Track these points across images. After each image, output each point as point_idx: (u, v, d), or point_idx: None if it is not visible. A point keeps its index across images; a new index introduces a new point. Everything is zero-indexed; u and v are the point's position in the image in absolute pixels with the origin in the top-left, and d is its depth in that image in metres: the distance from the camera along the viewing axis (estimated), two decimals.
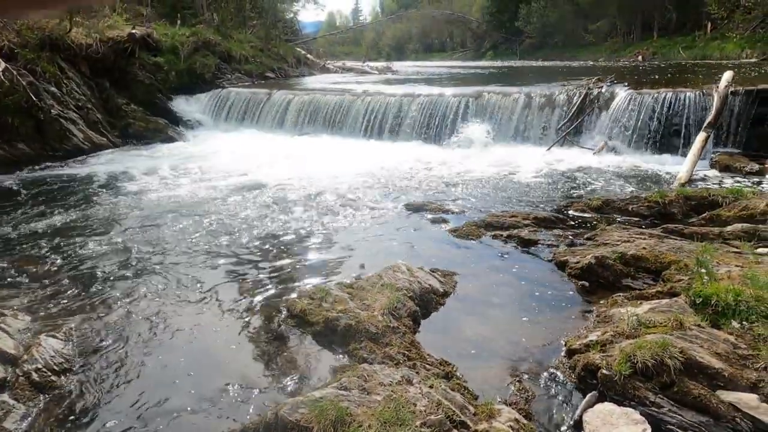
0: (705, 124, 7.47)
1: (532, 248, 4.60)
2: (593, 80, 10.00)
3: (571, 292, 3.75)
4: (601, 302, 3.46)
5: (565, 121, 9.08)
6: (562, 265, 4.11)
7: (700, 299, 2.94)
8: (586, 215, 5.38)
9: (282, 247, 4.76)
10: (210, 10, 17.82)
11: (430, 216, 5.58)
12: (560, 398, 2.61)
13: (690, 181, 6.63)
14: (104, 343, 3.18)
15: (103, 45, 11.29)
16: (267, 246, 4.79)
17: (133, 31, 12.20)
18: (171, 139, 11.30)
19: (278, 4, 24.09)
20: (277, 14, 23.06)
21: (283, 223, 5.47)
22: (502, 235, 4.86)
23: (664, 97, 8.26)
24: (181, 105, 12.69)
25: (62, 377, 2.86)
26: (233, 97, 12.60)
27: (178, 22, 15.63)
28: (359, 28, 74.50)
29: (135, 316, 3.50)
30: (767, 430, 2.21)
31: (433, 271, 3.96)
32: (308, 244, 4.83)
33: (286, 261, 4.44)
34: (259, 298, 3.73)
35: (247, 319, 3.43)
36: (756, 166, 7.05)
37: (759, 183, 6.58)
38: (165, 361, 2.98)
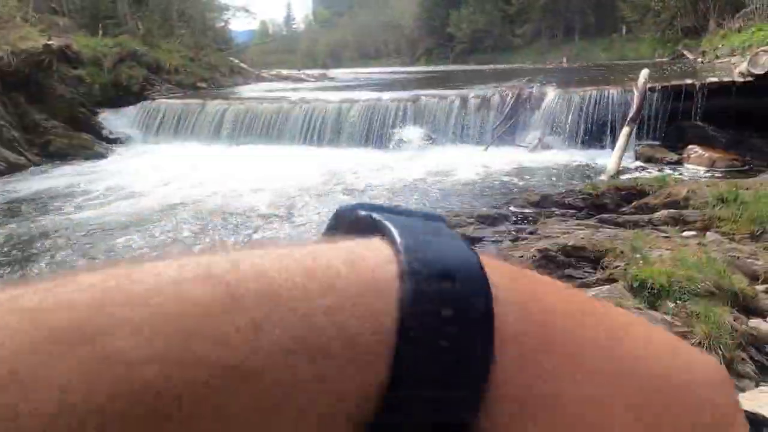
0: (628, 119, 7.93)
1: (478, 245, 4.68)
2: (524, 81, 10.41)
3: None
4: None
5: (499, 121, 9.38)
6: (507, 260, 4.20)
7: (637, 283, 3.09)
8: (526, 210, 5.56)
9: None
10: (134, 19, 17.07)
11: None
12: None
13: (619, 172, 7.02)
14: None
15: (16, 57, 10.52)
16: None
17: (49, 42, 11.45)
18: (98, 156, 10.66)
19: (207, 12, 23.46)
20: (207, 23, 22.45)
21: (223, 236, 5.27)
22: None
23: (590, 96, 8.72)
24: (108, 119, 12.02)
25: None
26: (164, 109, 12.08)
27: (100, 32, 14.84)
28: (293, 35, 74.04)
29: None
30: None
31: None
32: None
33: None
34: None
35: None
36: (675, 156, 7.57)
37: (679, 171, 7.07)
38: None
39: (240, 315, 0.16)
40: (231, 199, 6.76)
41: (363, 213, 0.22)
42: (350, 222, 0.23)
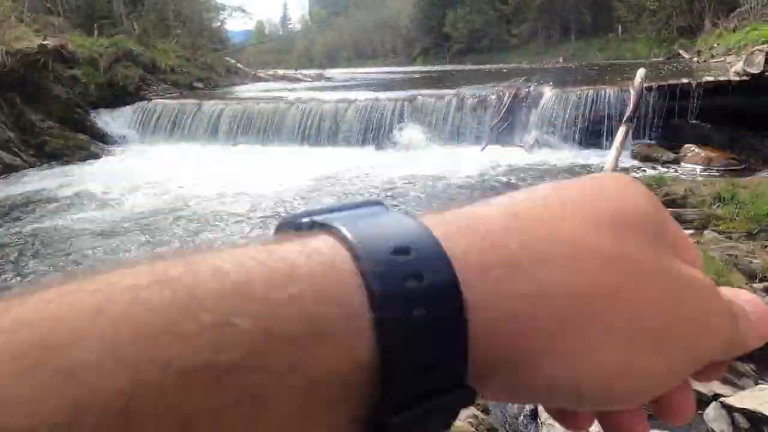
0: (625, 118, 7.95)
1: None
2: (521, 81, 10.42)
3: None
4: None
5: (497, 120, 9.38)
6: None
7: None
8: None
9: None
10: (130, 19, 17.00)
11: None
12: None
13: (615, 171, 7.03)
14: None
15: (11, 57, 10.46)
16: None
17: (45, 42, 11.40)
18: (94, 156, 10.61)
19: (203, 12, 23.40)
20: (203, 23, 22.40)
21: (221, 238, 5.26)
22: None
23: (587, 95, 8.73)
24: (104, 119, 11.97)
25: None
26: (160, 110, 12.03)
27: (95, 32, 14.78)
28: (289, 36, 73.96)
29: None
30: (706, 400, 2.33)
31: None
32: None
33: None
34: None
35: None
36: (672, 155, 7.59)
37: (676, 170, 7.09)
38: None
39: (202, 314, 0.16)
40: (227, 200, 6.74)
41: (305, 219, 0.22)
42: (294, 230, 0.23)
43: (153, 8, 18.11)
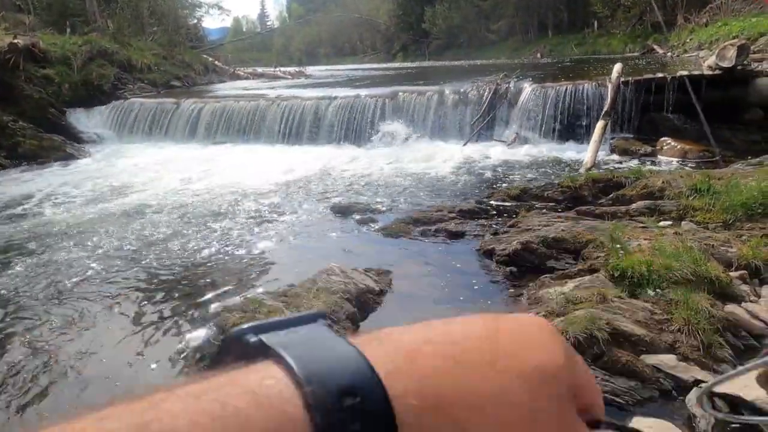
0: (603, 113, 8.08)
1: (460, 240, 4.71)
2: (501, 76, 10.49)
3: (500, 279, 3.88)
4: (530, 285, 3.61)
5: (477, 116, 9.44)
6: (489, 254, 4.25)
7: (618, 272, 3.15)
8: (506, 204, 5.61)
9: (205, 263, 4.52)
10: (103, 16, 16.63)
11: (358, 217, 5.56)
12: None
13: (595, 165, 7.14)
14: (5, 383, 2.83)
15: None
16: (187, 263, 4.52)
17: (15, 40, 11.09)
18: (70, 157, 10.37)
19: (179, 9, 23.01)
20: (179, 20, 22.02)
21: (203, 237, 5.20)
22: (430, 230, 4.94)
23: (565, 90, 8.84)
24: (80, 119, 11.72)
25: None
26: (137, 109, 11.83)
27: (68, 30, 14.42)
28: (267, 33, 73.14)
29: (42, 350, 3.15)
30: (687, 386, 2.40)
31: (367, 271, 3.94)
32: (233, 257, 4.63)
33: (212, 276, 4.22)
34: (184, 320, 3.51)
35: (173, 346, 3.20)
36: (649, 148, 7.74)
37: (653, 163, 7.23)
38: (82, 394, 2.71)
39: None
40: (206, 201, 6.66)
41: (252, 339, 0.24)
42: (240, 348, 0.25)
43: (127, 5, 17.73)
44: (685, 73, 8.39)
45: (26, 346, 3.22)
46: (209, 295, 3.82)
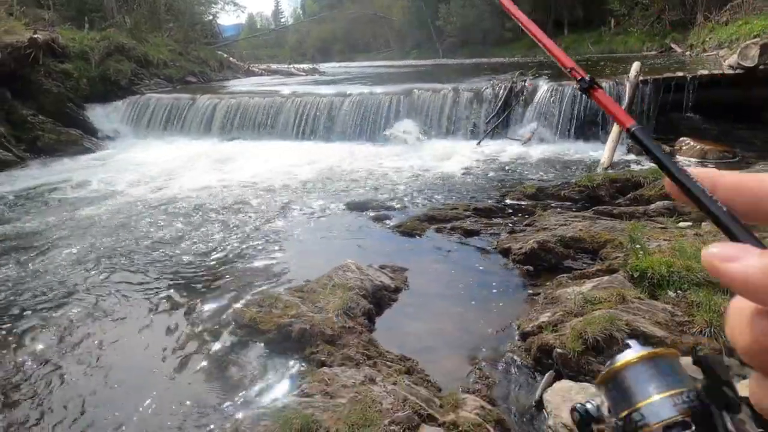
0: None
1: (476, 238, 4.69)
2: (516, 74, 10.40)
3: (517, 278, 3.86)
4: (547, 284, 3.58)
5: (492, 114, 9.38)
6: (505, 252, 4.22)
7: (638, 273, 3.12)
8: (522, 203, 5.58)
9: (221, 258, 4.55)
10: (121, 12, 16.79)
11: (372, 214, 5.56)
12: (520, 380, 2.67)
13: (612, 165, 7.06)
14: (32, 376, 2.87)
15: (1, 52, 10.31)
16: (204, 257, 4.56)
17: (35, 35, 11.23)
18: (87, 151, 10.51)
19: (195, 5, 23.15)
20: (195, 16, 22.15)
21: (219, 232, 5.23)
22: (445, 228, 4.92)
23: None
24: (97, 114, 11.85)
25: None
26: (154, 104, 11.94)
27: (86, 26, 14.58)
28: (282, 29, 73.30)
29: (64, 343, 3.20)
30: None
31: (382, 268, 3.94)
32: (249, 252, 4.65)
33: (228, 271, 4.24)
34: (203, 311, 3.54)
35: (192, 335, 3.23)
36: (667, 148, 7.62)
37: None
38: (102, 389, 2.74)
39: None
40: (221, 196, 6.70)
41: None
42: None
43: (144, 2, 17.88)
44: (705, 72, 8.25)
45: (48, 334, 3.27)
46: (225, 290, 3.85)
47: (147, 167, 8.74)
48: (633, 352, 0.27)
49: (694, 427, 0.24)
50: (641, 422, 0.25)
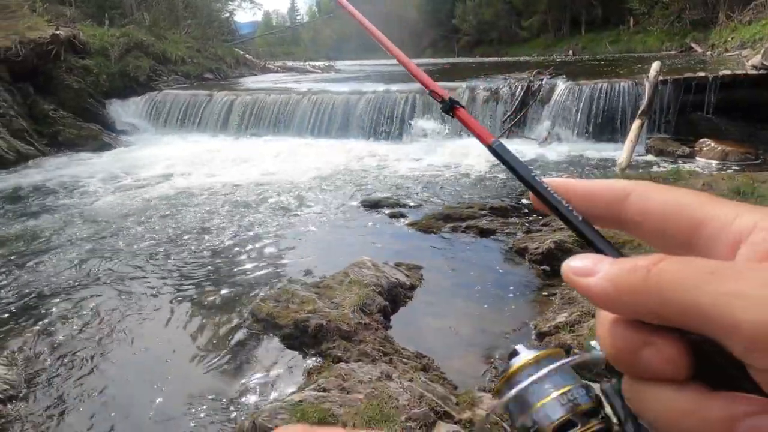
0: (639, 112, 7.87)
1: (491, 237, 4.67)
2: (533, 73, 10.32)
3: (533, 277, 3.84)
4: (563, 284, 3.55)
5: (509, 113, 9.33)
6: (521, 252, 4.20)
7: None
8: None
9: (239, 252, 4.59)
10: (140, 9, 17.00)
11: (388, 211, 5.56)
12: None
13: (630, 165, 6.97)
14: (52, 365, 2.93)
15: (24, 47, 10.50)
16: (222, 252, 4.61)
17: (57, 32, 11.42)
18: (106, 146, 10.66)
19: (212, 3, 23.35)
20: (212, 14, 22.34)
21: (236, 227, 5.28)
22: (460, 227, 4.91)
23: (601, 88, 8.65)
24: (116, 109, 12.02)
25: (7, 405, 2.61)
26: (171, 100, 12.07)
27: (106, 22, 14.80)
28: (297, 27, 73.60)
29: (85, 333, 3.26)
30: None
31: (398, 265, 3.94)
32: (266, 247, 4.69)
33: (245, 265, 4.28)
34: (220, 305, 3.57)
35: (210, 328, 3.27)
36: (687, 149, 7.52)
37: (691, 164, 7.02)
38: (121, 380, 2.79)
39: None
40: (238, 192, 6.76)
41: None
42: None
43: None
44: (727, 72, 8.11)
45: (67, 325, 3.34)
46: (242, 284, 3.89)
47: (164, 162, 8.85)
48: (521, 357, 0.28)
49: (579, 425, 0.25)
50: (533, 428, 0.25)
